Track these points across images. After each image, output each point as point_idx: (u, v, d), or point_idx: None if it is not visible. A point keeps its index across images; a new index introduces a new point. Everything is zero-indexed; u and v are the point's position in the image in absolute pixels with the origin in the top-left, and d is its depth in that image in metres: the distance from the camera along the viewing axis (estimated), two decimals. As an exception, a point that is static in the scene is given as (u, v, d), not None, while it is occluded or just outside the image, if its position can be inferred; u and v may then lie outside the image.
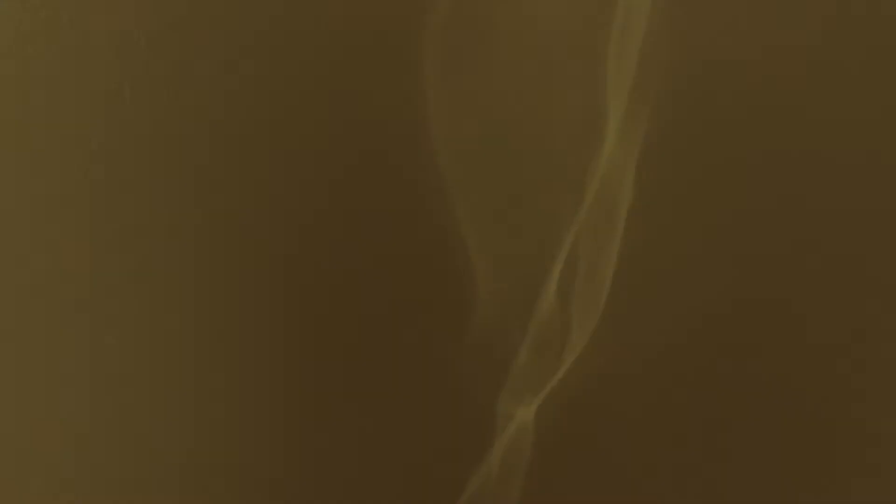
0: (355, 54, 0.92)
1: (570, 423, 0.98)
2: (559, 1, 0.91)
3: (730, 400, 0.99)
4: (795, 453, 0.99)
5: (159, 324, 0.94)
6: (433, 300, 0.97)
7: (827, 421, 0.98)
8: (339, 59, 0.92)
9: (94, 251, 0.93)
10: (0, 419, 0.94)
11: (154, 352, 0.94)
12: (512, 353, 0.98)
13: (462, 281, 0.96)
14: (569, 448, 0.99)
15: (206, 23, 0.90)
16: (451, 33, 0.92)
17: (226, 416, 0.96)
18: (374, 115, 0.94)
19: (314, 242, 0.96)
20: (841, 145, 0.95)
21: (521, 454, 0.98)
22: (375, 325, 0.98)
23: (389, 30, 0.92)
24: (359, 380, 0.98)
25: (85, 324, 0.93)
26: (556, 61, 0.92)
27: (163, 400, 0.95)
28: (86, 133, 0.91)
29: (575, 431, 0.99)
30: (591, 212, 0.95)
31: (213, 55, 0.91)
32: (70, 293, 0.93)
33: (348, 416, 0.98)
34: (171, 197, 0.93)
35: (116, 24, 0.90)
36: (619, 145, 0.93)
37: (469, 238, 0.96)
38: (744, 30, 0.92)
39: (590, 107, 0.93)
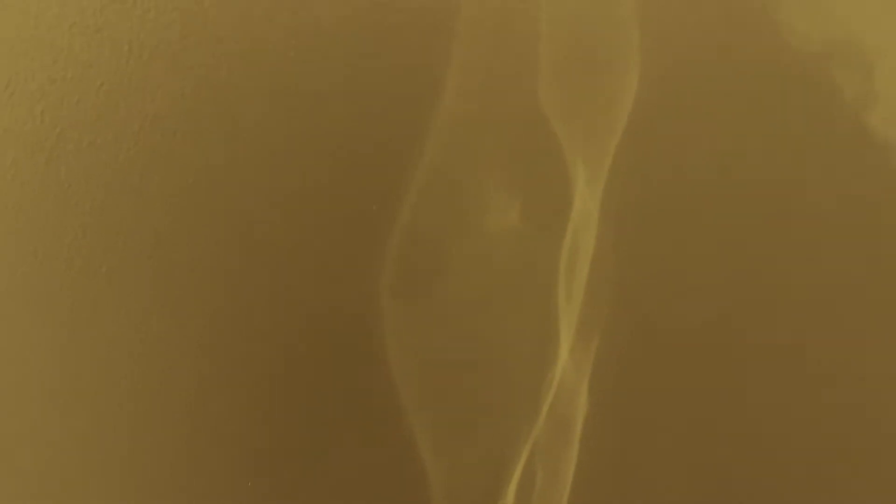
0: (319, 282, 0.94)
1: None
2: (510, 230, 0.94)
3: None
4: None
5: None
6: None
7: None
8: (303, 291, 0.94)
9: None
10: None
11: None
12: (472, 564, 0.98)
13: (419, 491, 0.97)
14: None
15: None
16: (406, 264, 0.94)
17: None
18: (337, 338, 0.95)
19: (278, 456, 0.97)
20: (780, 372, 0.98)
21: None
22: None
23: (350, 256, 0.94)
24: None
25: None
26: (509, 285, 0.95)
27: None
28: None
29: None
30: (546, 424, 0.96)
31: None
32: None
33: None
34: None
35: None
36: (571, 361, 0.95)
37: (425, 450, 0.96)
38: (685, 255, 0.95)
39: (542, 326, 0.95)
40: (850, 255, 1.00)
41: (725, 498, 0.98)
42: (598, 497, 0.97)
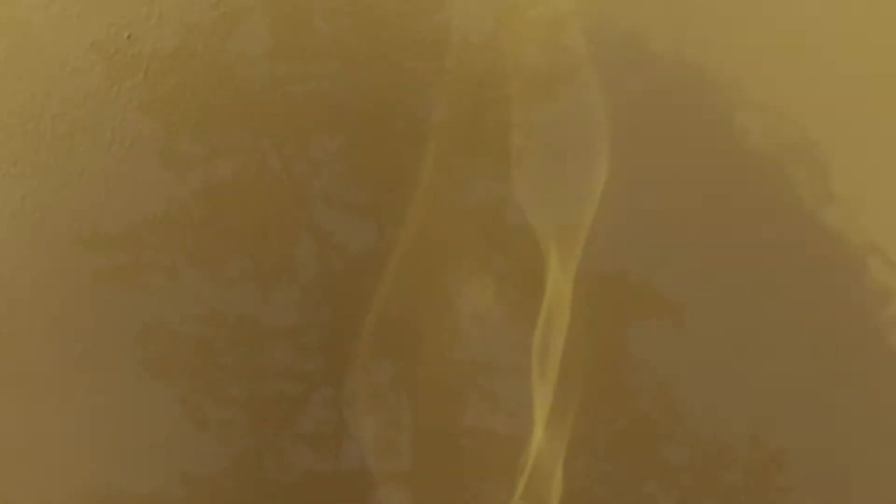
0: (293, 364, 0.95)
1: None
2: (484, 310, 0.96)
3: None
4: None
5: None
6: None
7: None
8: (277, 373, 0.95)
9: None
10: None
11: None
12: None
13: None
14: None
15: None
16: (381, 345, 0.95)
17: None
18: (310, 420, 0.95)
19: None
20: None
21: None
22: None
23: (325, 338, 0.95)
24: None
25: None
26: (483, 365, 0.96)
27: None
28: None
29: None
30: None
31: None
32: None
33: None
34: None
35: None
36: (546, 441, 0.96)
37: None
38: (659, 335, 0.97)
39: (517, 406, 0.96)
40: (818, 352, 1.01)
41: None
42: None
